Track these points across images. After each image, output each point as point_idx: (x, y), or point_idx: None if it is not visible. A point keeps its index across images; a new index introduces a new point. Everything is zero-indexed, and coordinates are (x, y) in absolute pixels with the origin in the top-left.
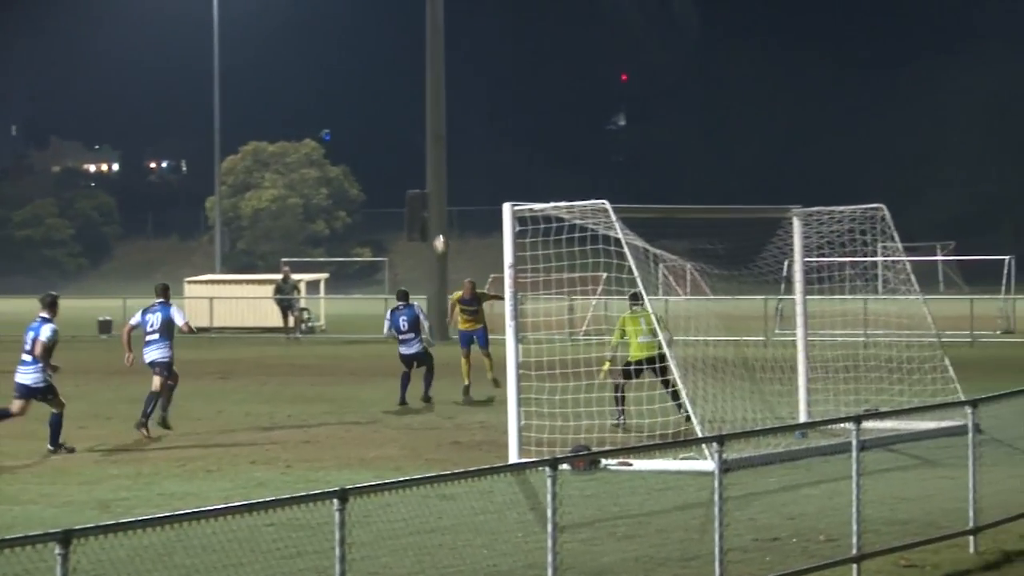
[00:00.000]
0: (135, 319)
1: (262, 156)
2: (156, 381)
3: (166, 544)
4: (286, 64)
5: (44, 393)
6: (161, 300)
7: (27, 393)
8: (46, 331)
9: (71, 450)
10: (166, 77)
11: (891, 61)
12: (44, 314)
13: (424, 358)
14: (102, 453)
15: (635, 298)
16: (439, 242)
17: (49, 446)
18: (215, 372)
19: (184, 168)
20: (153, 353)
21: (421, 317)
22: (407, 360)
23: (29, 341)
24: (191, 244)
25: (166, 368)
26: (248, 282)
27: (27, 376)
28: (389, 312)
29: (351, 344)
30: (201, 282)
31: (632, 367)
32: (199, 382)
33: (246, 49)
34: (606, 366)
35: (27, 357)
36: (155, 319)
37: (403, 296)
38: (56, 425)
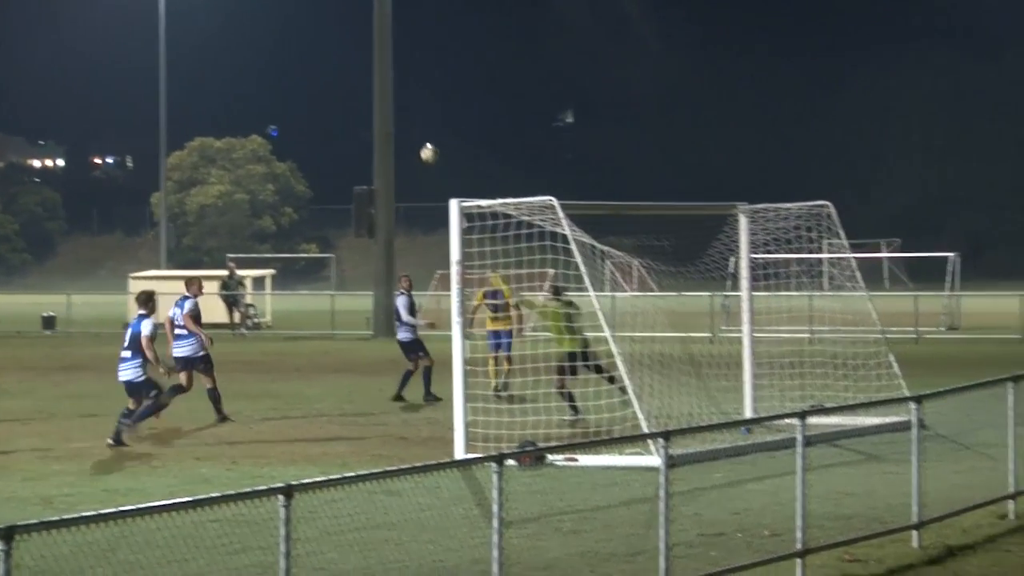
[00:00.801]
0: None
1: (208, 152)
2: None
3: (110, 540)
4: (233, 60)
5: (145, 388)
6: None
7: (131, 389)
8: (147, 326)
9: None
10: (112, 72)
11: (837, 61)
12: (142, 311)
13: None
14: (45, 449)
15: (556, 292)
16: (427, 151)
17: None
18: (160, 368)
19: (130, 164)
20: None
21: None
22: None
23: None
24: (136, 240)
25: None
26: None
27: (127, 373)
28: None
29: (297, 340)
30: (146, 278)
31: (567, 362)
32: None
33: (193, 44)
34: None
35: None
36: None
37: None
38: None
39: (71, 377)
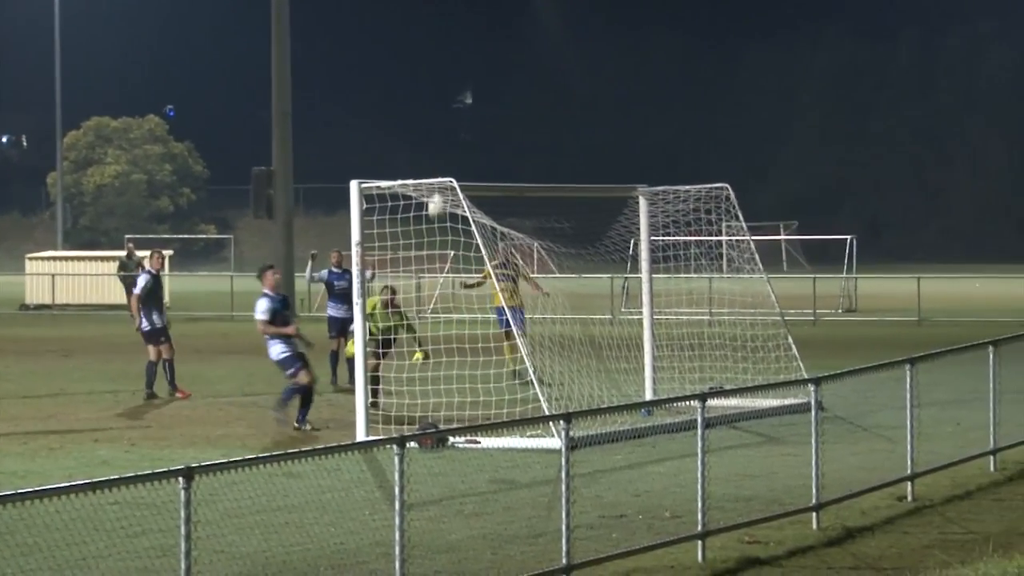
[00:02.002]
0: None
1: (104, 132)
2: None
3: (8, 523)
4: (129, 39)
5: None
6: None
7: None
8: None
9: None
10: (6, 50)
11: (735, 46)
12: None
13: None
14: None
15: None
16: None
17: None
18: (57, 350)
19: (25, 143)
20: None
21: None
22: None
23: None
24: (32, 220)
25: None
26: (91, 259)
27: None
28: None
29: (196, 322)
30: (43, 258)
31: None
32: (41, 360)
33: (88, 23)
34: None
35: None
36: None
37: None
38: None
39: None
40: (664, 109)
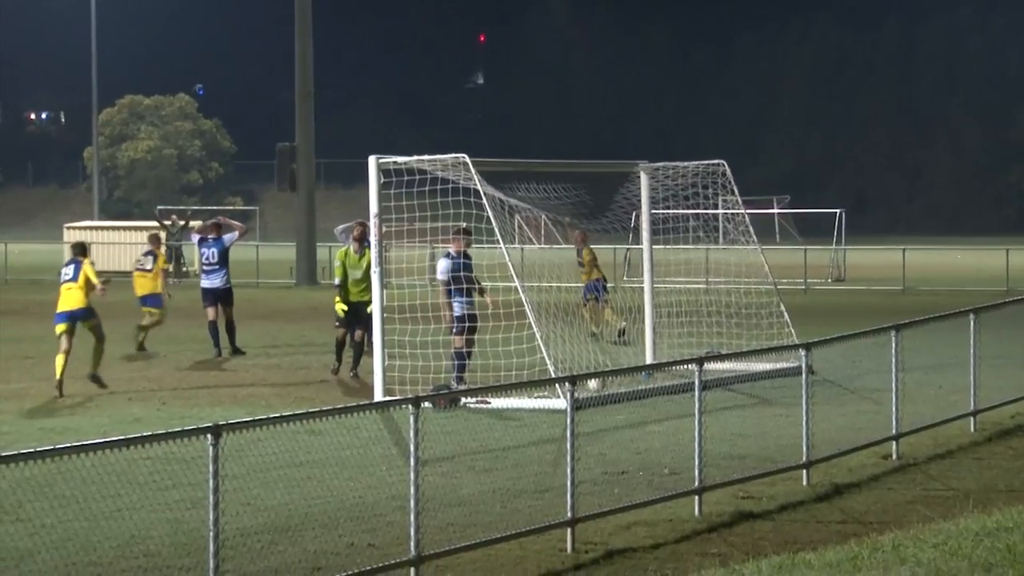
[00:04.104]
0: None
1: (138, 109)
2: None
3: (47, 476)
4: (161, 21)
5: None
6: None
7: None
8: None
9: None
10: (44, 30)
11: (728, 30)
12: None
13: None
14: None
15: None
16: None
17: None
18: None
19: (63, 119)
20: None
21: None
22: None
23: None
24: (70, 192)
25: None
26: (125, 228)
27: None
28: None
29: None
30: (80, 228)
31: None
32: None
33: (123, 5)
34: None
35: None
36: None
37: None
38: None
39: (9, 321)
40: (662, 92)
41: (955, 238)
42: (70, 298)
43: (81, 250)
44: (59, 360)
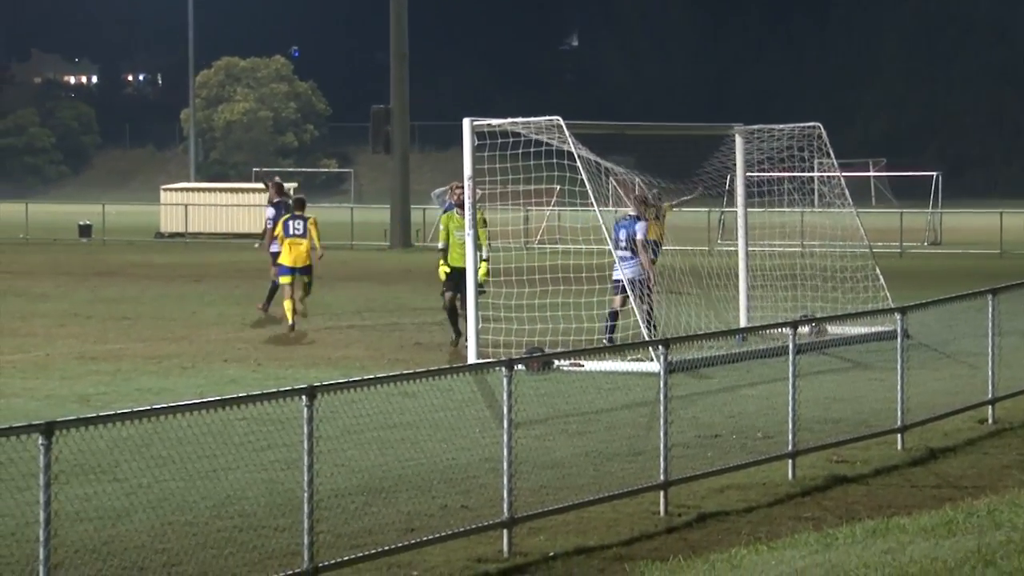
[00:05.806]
0: None
1: (234, 71)
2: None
3: (143, 436)
4: None
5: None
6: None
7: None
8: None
9: None
10: None
11: None
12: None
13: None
14: (82, 350)
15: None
16: None
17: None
18: (189, 275)
19: (160, 81)
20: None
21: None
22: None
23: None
24: (166, 154)
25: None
26: (221, 190)
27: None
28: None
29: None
30: (176, 189)
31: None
32: (173, 285)
33: None
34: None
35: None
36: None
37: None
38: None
39: (106, 282)
40: (761, 52)
41: None
42: (298, 253)
43: (302, 205)
44: (287, 305)
